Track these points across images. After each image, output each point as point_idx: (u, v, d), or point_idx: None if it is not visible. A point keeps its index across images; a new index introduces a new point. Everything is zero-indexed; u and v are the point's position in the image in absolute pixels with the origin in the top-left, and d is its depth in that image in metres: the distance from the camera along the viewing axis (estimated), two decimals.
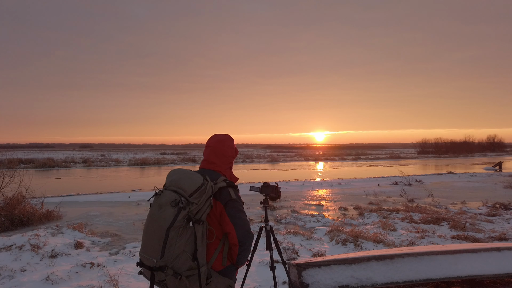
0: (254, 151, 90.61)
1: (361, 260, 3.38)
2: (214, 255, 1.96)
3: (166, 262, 1.77)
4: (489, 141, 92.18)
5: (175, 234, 1.77)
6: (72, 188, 17.25)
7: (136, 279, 4.44)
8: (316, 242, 6.25)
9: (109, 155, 63.56)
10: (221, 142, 2.19)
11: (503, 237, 6.48)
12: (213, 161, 2.14)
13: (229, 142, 2.24)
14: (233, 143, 2.28)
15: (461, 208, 10.09)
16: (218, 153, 2.15)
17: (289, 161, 47.90)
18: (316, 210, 10.04)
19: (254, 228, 7.28)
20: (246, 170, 32.02)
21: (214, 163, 2.14)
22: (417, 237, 6.37)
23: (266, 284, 4.21)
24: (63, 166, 35.73)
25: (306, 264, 3.32)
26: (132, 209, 10.23)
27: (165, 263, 1.77)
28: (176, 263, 1.78)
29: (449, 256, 3.55)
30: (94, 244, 6.27)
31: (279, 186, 3.17)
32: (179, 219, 1.77)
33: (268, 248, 3.20)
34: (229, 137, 2.28)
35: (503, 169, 29.87)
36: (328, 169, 33.81)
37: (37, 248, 5.49)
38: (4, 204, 8.04)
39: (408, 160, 50.93)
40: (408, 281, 3.29)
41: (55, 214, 8.86)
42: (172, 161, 43.71)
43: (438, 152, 73.10)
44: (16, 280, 4.41)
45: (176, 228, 1.77)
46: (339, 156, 62.21)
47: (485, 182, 17.94)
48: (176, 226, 1.77)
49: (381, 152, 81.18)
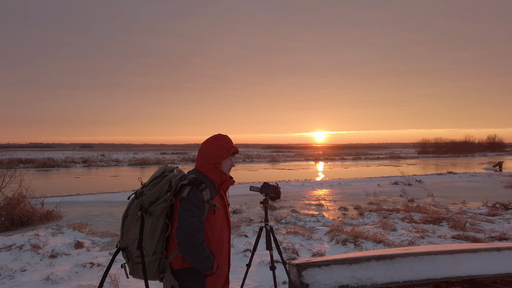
0: (254, 151, 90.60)
1: (361, 260, 3.38)
2: (173, 253, 2.01)
3: (126, 244, 1.98)
4: (489, 141, 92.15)
5: (130, 220, 1.97)
6: (72, 188, 17.25)
7: (136, 279, 4.44)
8: (316, 242, 6.25)
9: (109, 155, 63.55)
10: (207, 142, 2.22)
11: (503, 237, 6.48)
12: (198, 161, 2.21)
13: (217, 142, 2.19)
14: (224, 142, 2.20)
15: (461, 208, 10.09)
16: (203, 153, 2.19)
17: (289, 161, 47.89)
18: (316, 210, 10.04)
19: (254, 228, 7.29)
20: (246, 170, 32.01)
21: (199, 163, 2.20)
22: (417, 237, 6.36)
23: (266, 284, 4.21)
24: (63, 166, 35.75)
25: (306, 264, 3.32)
26: None
27: (125, 245, 1.98)
28: (130, 248, 1.97)
29: (449, 256, 3.55)
30: (94, 244, 6.27)
31: (279, 186, 3.17)
32: (132, 207, 1.97)
33: (268, 248, 3.20)
34: (219, 136, 2.23)
35: (503, 169, 29.87)
36: (328, 169, 33.81)
37: (37, 248, 5.49)
38: (4, 204, 8.04)
39: (408, 160, 50.92)
40: (408, 281, 3.29)
41: (55, 214, 8.86)
42: (172, 161, 43.69)
43: (438, 152, 73.07)
44: (16, 280, 4.41)
45: (131, 216, 1.97)
46: (339, 156, 62.20)
47: (485, 182, 17.94)
48: (131, 214, 1.97)
49: (381, 152, 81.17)
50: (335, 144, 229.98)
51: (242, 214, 9.22)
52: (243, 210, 9.72)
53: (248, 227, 7.43)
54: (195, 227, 1.92)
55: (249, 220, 8.38)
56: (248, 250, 5.44)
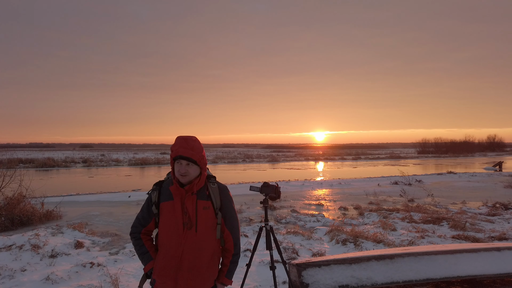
0: (254, 151, 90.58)
1: (361, 260, 3.38)
2: None
3: None
4: (489, 141, 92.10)
5: None
6: (72, 188, 17.25)
7: (136, 279, 4.44)
8: (316, 242, 6.25)
9: (109, 155, 63.52)
10: None
11: (503, 237, 6.48)
12: None
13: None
14: (173, 145, 2.09)
15: (461, 208, 10.08)
16: None
17: (289, 161, 47.88)
18: (316, 210, 10.04)
19: (254, 228, 7.29)
20: (246, 170, 32.01)
21: None
22: (417, 237, 6.36)
23: (266, 284, 4.21)
24: (63, 166, 35.72)
25: (306, 264, 3.32)
26: (132, 209, 10.23)
27: None
28: None
29: (449, 256, 3.55)
30: (94, 244, 6.27)
31: (279, 186, 3.17)
32: None
33: (268, 248, 3.20)
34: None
35: (503, 169, 29.86)
36: (328, 169, 33.81)
37: (37, 248, 5.49)
38: (4, 204, 8.04)
39: (408, 160, 50.92)
40: (408, 281, 3.29)
41: (55, 214, 8.86)
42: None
43: (438, 152, 73.04)
44: (16, 280, 4.41)
45: None
46: (339, 156, 62.19)
47: (485, 182, 17.94)
48: None
49: (381, 152, 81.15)
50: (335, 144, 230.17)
51: (242, 214, 9.22)
52: (243, 210, 9.72)
53: (248, 227, 7.43)
54: (134, 222, 2.15)
55: (249, 220, 8.38)
56: (248, 250, 5.44)
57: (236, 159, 48.98)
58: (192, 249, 2.01)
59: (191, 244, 2.01)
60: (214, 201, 2.09)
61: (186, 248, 2.01)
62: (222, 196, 2.13)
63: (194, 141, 2.05)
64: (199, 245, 2.03)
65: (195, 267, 2.02)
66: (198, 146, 2.06)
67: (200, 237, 2.03)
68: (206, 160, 2.13)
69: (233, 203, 2.21)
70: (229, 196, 2.18)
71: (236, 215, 2.20)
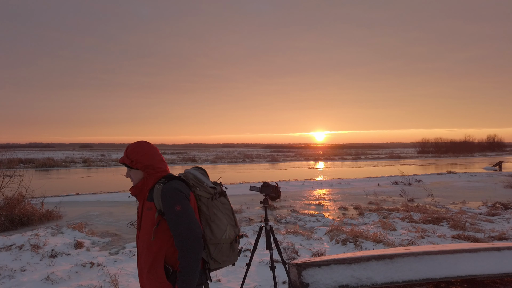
0: (254, 151, 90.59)
1: (361, 260, 3.38)
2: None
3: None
4: (489, 141, 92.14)
5: None
6: (72, 188, 17.25)
7: (136, 279, 4.44)
8: (316, 241, 6.25)
9: (109, 155, 63.51)
10: None
11: (503, 236, 6.48)
12: None
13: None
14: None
15: (461, 207, 10.09)
16: None
17: (289, 161, 47.88)
18: (316, 209, 10.04)
19: (254, 227, 7.30)
20: (246, 169, 32.01)
21: None
22: (417, 237, 6.37)
23: (266, 284, 4.21)
24: (63, 166, 35.73)
25: (306, 263, 3.32)
26: (132, 209, 10.23)
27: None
28: None
29: (449, 256, 3.55)
30: (94, 244, 6.27)
31: (279, 186, 3.17)
32: None
33: (268, 247, 3.20)
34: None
35: (503, 168, 29.87)
36: (328, 168, 33.82)
37: (37, 248, 5.49)
38: (4, 204, 8.04)
39: (408, 160, 50.93)
40: (408, 281, 3.29)
41: (55, 214, 8.86)
42: (172, 161, 43.67)
43: (438, 152, 73.06)
44: (16, 280, 4.41)
45: None
46: (339, 155, 62.21)
47: (485, 181, 17.95)
48: None
49: (381, 152, 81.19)
50: (335, 144, 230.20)
51: (242, 214, 9.22)
52: (243, 210, 9.72)
53: (248, 227, 7.43)
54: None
55: (249, 220, 8.39)
56: (248, 250, 5.44)
57: (236, 159, 48.96)
58: (141, 250, 2.01)
59: (139, 245, 2.03)
60: (156, 202, 1.96)
61: (138, 249, 2.05)
62: (162, 197, 1.93)
63: (135, 146, 2.03)
64: (143, 247, 1.99)
65: (141, 269, 2.02)
66: (135, 150, 2.00)
67: (143, 238, 1.99)
68: (146, 162, 2.00)
69: (177, 205, 1.90)
70: (168, 198, 1.91)
71: (181, 219, 1.88)
